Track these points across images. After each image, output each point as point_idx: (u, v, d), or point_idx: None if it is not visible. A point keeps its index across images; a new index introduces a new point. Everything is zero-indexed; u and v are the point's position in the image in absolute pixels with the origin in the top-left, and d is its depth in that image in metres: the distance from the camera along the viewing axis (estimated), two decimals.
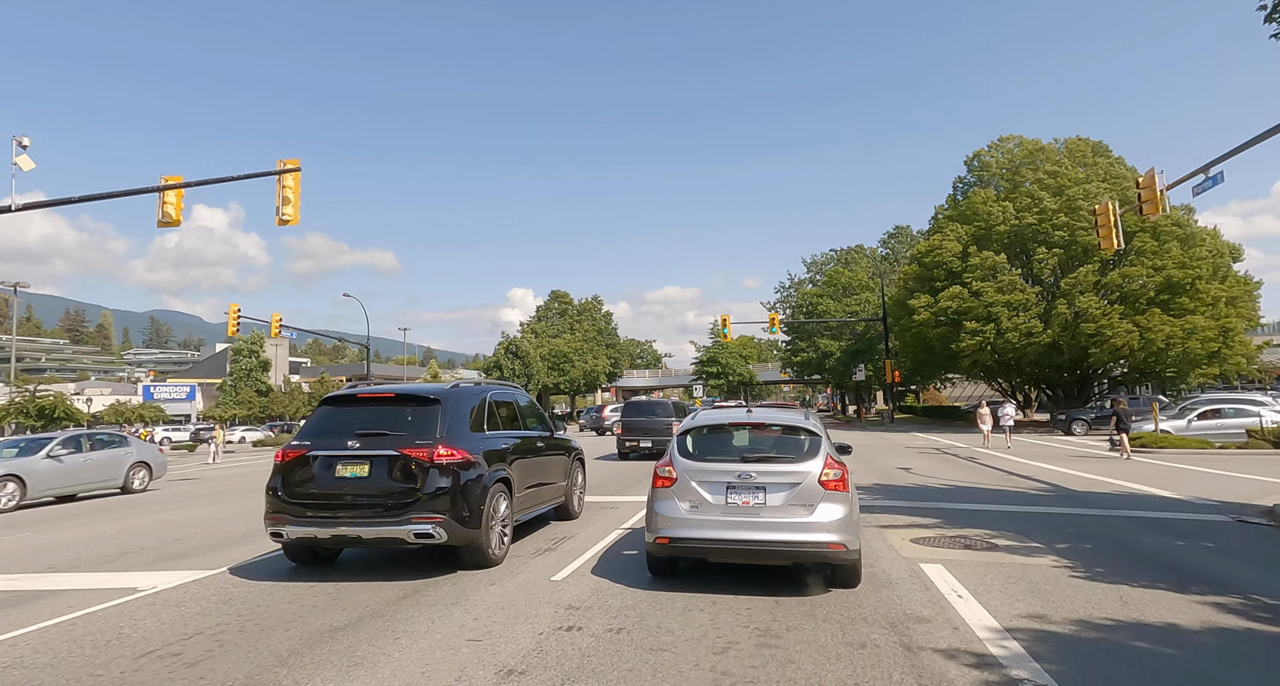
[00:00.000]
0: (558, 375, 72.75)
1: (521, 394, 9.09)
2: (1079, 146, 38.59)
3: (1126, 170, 37.49)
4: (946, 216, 42.54)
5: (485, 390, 8.00)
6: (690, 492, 6.28)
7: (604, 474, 17.01)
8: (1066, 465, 17.44)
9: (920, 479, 14.93)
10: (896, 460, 19.67)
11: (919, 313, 38.50)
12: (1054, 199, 35.85)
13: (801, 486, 6.09)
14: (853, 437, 31.82)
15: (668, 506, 6.34)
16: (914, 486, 13.65)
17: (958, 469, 17.07)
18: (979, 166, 42.89)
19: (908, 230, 67.46)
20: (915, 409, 62.05)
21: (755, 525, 6.05)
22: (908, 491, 12.89)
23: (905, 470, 16.79)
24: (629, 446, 20.85)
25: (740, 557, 6.26)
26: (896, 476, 15.43)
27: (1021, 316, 34.97)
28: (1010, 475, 15.42)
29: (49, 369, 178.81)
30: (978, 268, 36.88)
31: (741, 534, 6.05)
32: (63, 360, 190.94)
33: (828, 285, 60.35)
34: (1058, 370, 39.14)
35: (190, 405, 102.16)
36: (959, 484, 13.93)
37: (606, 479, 15.94)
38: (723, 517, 6.13)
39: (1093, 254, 34.53)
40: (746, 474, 6.20)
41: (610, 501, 12.22)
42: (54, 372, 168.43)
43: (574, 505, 9.91)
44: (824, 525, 5.94)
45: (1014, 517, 9.86)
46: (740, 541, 6.05)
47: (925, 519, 9.75)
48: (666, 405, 21.99)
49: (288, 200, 17.49)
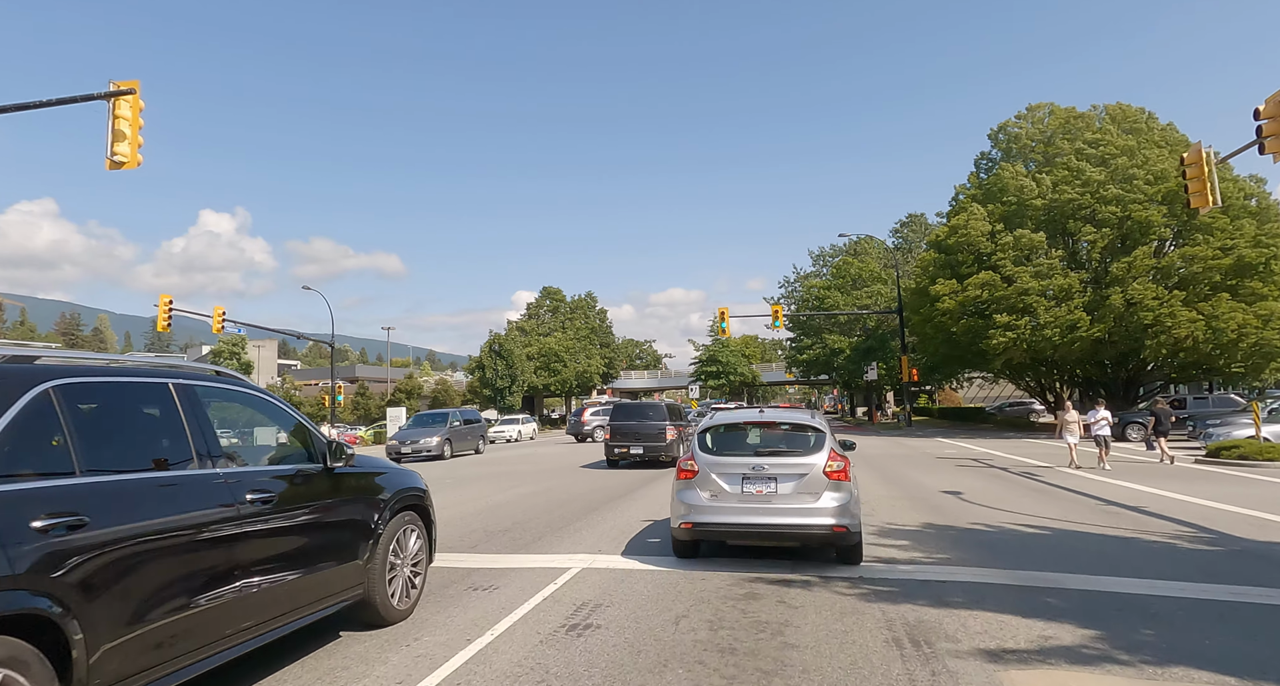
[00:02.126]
0: (548, 375, 68.25)
1: (231, 382, 4.50)
2: (1124, 112, 33.89)
3: (1180, 136, 32.82)
4: (970, 196, 37.87)
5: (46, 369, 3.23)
6: (710, 483, 6.96)
7: (559, 493, 12.60)
8: (1170, 485, 12.80)
9: (985, 512, 10.35)
10: (935, 478, 15.07)
11: (942, 300, 33.78)
12: (1098, 170, 31.19)
13: (808, 477, 6.79)
14: (868, 444, 27.23)
15: (691, 495, 7.01)
16: (986, 530, 9.06)
17: (1027, 494, 12.46)
18: (1005, 139, 38.19)
19: (922, 219, 62.71)
20: (931, 410, 57.33)
21: (768, 511, 6.77)
22: (984, 542, 8.31)
23: (955, 496, 12.20)
24: (618, 453, 18.81)
25: (755, 539, 7.10)
26: (949, 508, 10.85)
27: (1063, 307, 30.26)
28: (1113, 506, 10.82)
29: None
30: (1010, 248, 32.21)
31: (756, 519, 6.78)
32: None
33: (836, 277, 55.66)
34: (1101, 367, 34.43)
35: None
36: (1051, 523, 9.35)
37: (546, 507, 11.40)
38: (739, 505, 6.84)
39: (1149, 232, 29.84)
40: (759, 466, 6.92)
41: (508, 567, 7.64)
42: None
43: (389, 599, 5.14)
44: (829, 510, 6.64)
45: (1230, 618, 5.29)
46: (755, 525, 6.79)
47: (1068, 628, 5.15)
48: (659, 407, 19.69)
49: (121, 136, 13.05)
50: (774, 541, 7.08)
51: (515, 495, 13.57)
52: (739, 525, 6.80)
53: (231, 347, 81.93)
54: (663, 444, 18.46)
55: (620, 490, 13.93)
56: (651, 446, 18.49)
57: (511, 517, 10.67)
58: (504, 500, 12.89)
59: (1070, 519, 9.73)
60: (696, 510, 6.89)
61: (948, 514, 10.30)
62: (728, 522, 6.81)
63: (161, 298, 33.04)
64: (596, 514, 10.81)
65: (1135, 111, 34.00)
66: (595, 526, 9.68)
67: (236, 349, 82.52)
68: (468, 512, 11.30)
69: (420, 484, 5.76)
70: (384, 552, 5.05)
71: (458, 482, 16.63)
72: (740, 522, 6.78)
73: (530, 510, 11.43)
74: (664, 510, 10.70)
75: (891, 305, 47.86)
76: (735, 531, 6.90)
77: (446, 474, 19.47)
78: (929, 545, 8.08)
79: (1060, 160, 32.96)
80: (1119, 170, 30.64)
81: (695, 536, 7.05)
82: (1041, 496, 12.14)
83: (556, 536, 9.03)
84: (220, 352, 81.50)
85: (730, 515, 6.80)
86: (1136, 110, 34.13)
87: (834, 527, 6.57)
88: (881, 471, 16.83)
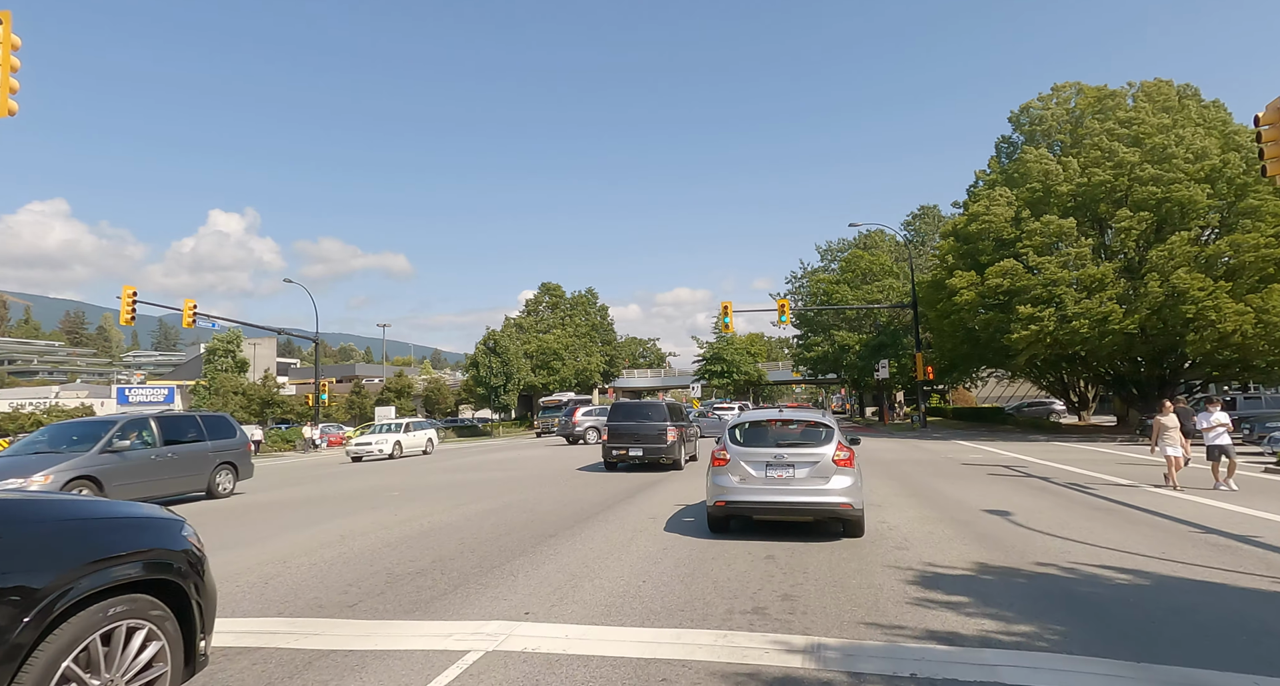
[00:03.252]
0: (546, 374, 65.99)
1: None
2: (1160, 90, 31.30)
3: (1223, 115, 30.25)
4: (990, 181, 35.38)
5: None
6: (739, 469, 8.34)
7: (519, 511, 10.33)
8: (1259, 503, 10.36)
9: (1052, 544, 7.96)
10: (970, 491, 12.65)
11: (961, 293, 31.30)
12: (1132, 151, 28.66)
13: (820, 464, 8.18)
14: (882, 447, 24.83)
15: (723, 479, 8.41)
16: (1068, 577, 6.67)
17: (1093, 515, 10.02)
18: (1028, 122, 35.68)
19: (935, 210, 60.02)
20: (944, 410, 54.75)
21: (787, 491, 8.15)
22: (1072, 598, 5.92)
23: (1004, 518, 9.81)
24: (616, 455, 17.99)
25: (776, 514, 8.43)
26: (1003, 538, 8.45)
27: (1094, 299, 27.74)
28: (1212, 534, 8.40)
29: (41, 371, 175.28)
30: (1036, 235, 29.71)
31: (777, 497, 8.16)
32: (55, 362, 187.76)
33: (845, 270, 53.08)
34: (1134, 363, 31.87)
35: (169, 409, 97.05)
36: (1149, 562, 6.95)
37: (492, 533, 9.06)
38: (764, 486, 8.23)
39: (1191, 215, 27.30)
40: (780, 455, 8.30)
41: (376, 650, 5.30)
42: (46, 375, 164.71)
43: None
44: (838, 491, 8.04)
45: None
46: (776, 503, 8.18)
47: None
48: (660, 407, 18.63)
49: None
50: (792, 516, 8.42)
51: (464, 515, 11.22)
52: (763, 503, 8.21)
53: (226, 345, 79.97)
54: (663, 446, 17.51)
55: (594, 507, 11.59)
56: (652, 448, 17.53)
57: (438, 551, 8.34)
58: (446, 522, 10.55)
59: (1171, 556, 7.33)
60: (728, 491, 8.32)
61: (1004, 547, 7.91)
62: (754, 500, 8.21)
63: (125, 289, 31.08)
64: (549, 546, 8.48)
65: (1172, 89, 31.39)
66: (540, 566, 7.35)
67: (231, 346, 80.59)
68: (383, 543, 8.97)
69: (178, 541, 3.42)
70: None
71: (410, 497, 14.29)
72: (764, 500, 8.19)
73: (470, 538, 9.09)
74: (624, 544, 8.43)
75: (904, 299, 45.38)
76: (760, 508, 8.28)
77: (398, 483, 17.19)
78: (996, 602, 5.71)
79: (1090, 141, 30.43)
80: (1155, 149, 28.11)
81: (727, 513, 8.49)
82: (1112, 519, 9.73)
83: (479, 585, 6.68)
84: (215, 350, 79.67)
85: (756, 495, 8.20)
86: (1174, 88, 31.54)
87: (841, 504, 7.98)
88: (904, 482, 14.44)
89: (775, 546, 7.99)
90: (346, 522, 10.78)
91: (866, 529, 8.55)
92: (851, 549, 7.90)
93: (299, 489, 17.08)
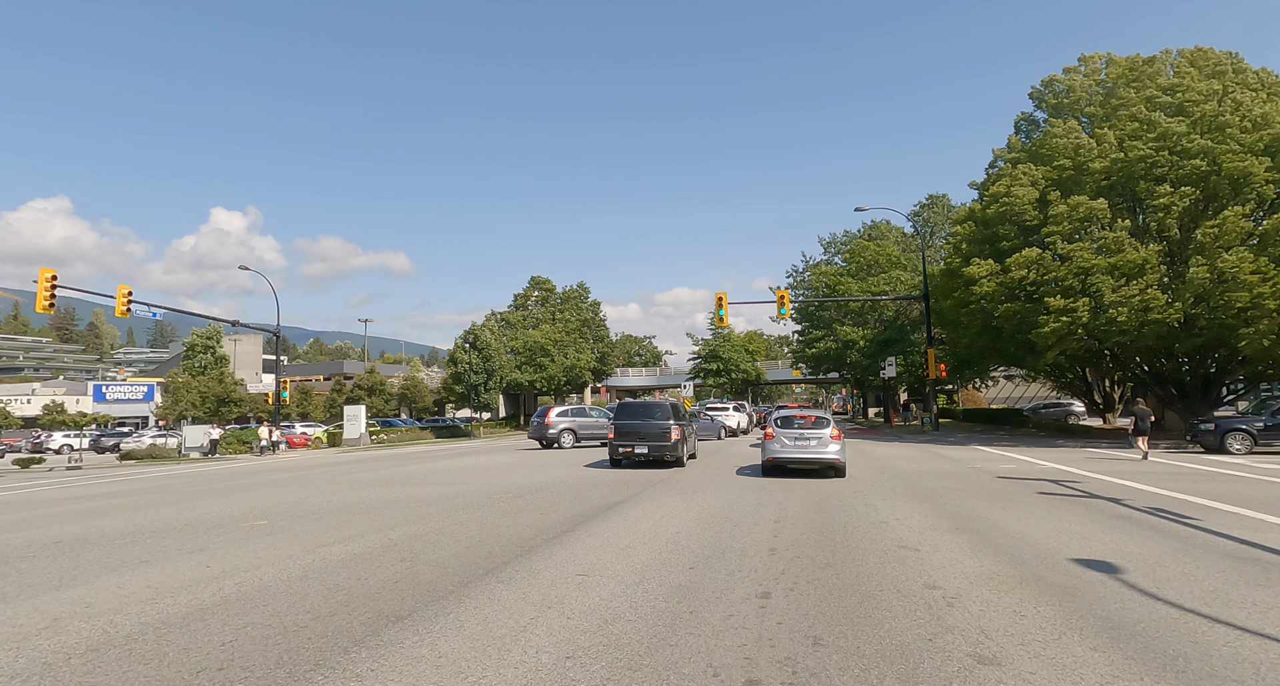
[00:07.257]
0: (533, 371, 62.76)
1: None
2: (1204, 56, 28.12)
3: (1278, 79, 27.06)
4: (1011, 160, 32.13)
5: None
6: (780, 440, 15.49)
7: (402, 552, 7.02)
8: None
9: (1223, 639, 4.77)
10: (1035, 525, 9.38)
11: (980, 282, 28.15)
12: (1176, 120, 25.49)
13: (823, 437, 15.29)
14: (894, 454, 21.67)
15: (771, 447, 15.54)
16: None
17: (1234, 568, 6.81)
18: (1053, 95, 32.39)
19: (944, 199, 56.80)
20: (954, 412, 51.58)
21: (807, 452, 15.23)
22: None
23: (1112, 577, 6.59)
24: (622, 452, 18.62)
25: (802, 465, 15.41)
26: (1136, 626, 5.21)
27: (1133, 285, 24.57)
28: None
29: (26, 367, 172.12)
30: (1064, 219, 26.55)
31: (802, 455, 15.25)
32: (41, 358, 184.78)
33: (850, 261, 49.88)
34: (1175, 360, 28.67)
35: (149, 406, 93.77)
36: None
37: (324, 608, 5.81)
38: (794, 450, 15.31)
39: (1245, 189, 24.12)
40: (802, 433, 15.46)
41: None
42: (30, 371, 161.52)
43: None
44: (833, 452, 15.10)
45: None
46: (802, 458, 15.26)
47: None
48: (664, 406, 19.24)
49: None
50: (811, 466, 15.46)
51: (304, 567, 7.59)
52: (794, 459, 15.33)
53: (205, 340, 76.49)
54: (668, 443, 18.09)
55: (510, 550, 8.35)
56: (657, 446, 18.12)
57: (181, 661, 5.08)
58: (263, 584, 6.97)
59: None
60: (775, 452, 15.48)
61: (1153, 653, 4.69)
62: (790, 457, 15.34)
63: (42, 271, 27.81)
64: (392, 636, 5.24)
65: (1219, 55, 28.20)
66: None
67: (211, 342, 77.15)
68: (105, 639, 5.60)
69: None
70: None
71: (272, 529, 10.88)
72: (795, 457, 15.32)
73: (262, 625, 5.75)
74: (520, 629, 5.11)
75: (913, 291, 42.19)
76: (793, 462, 15.40)
77: (284, 505, 13.90)
78: None
79: (1126, 112, 27.25)
80: (1204, 118, 24.93)
81: (774, 464, 15.57)
82: (1272, 576, 6.52)
83: None
84: (194, 346, 76.24)
85: (790, 453, 15.35)
86: (1220, 54, 28.34)
87: (834, 460, 15.11)
88: (937, 505, 11.20)
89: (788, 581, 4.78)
90: (111, 583, 6.99)
91: (910, 614, 5.34)
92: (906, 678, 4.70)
93: (141, 514, 13.78)
